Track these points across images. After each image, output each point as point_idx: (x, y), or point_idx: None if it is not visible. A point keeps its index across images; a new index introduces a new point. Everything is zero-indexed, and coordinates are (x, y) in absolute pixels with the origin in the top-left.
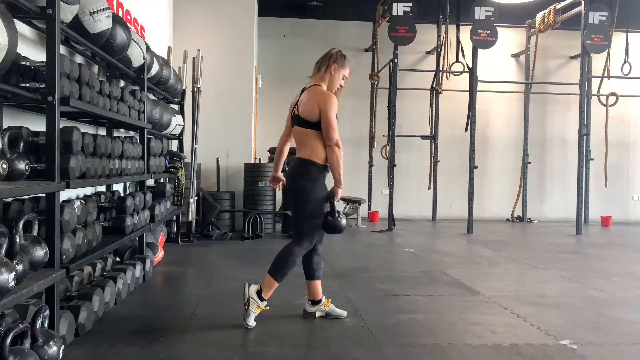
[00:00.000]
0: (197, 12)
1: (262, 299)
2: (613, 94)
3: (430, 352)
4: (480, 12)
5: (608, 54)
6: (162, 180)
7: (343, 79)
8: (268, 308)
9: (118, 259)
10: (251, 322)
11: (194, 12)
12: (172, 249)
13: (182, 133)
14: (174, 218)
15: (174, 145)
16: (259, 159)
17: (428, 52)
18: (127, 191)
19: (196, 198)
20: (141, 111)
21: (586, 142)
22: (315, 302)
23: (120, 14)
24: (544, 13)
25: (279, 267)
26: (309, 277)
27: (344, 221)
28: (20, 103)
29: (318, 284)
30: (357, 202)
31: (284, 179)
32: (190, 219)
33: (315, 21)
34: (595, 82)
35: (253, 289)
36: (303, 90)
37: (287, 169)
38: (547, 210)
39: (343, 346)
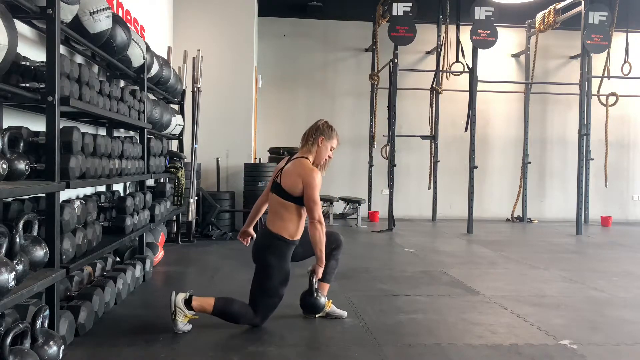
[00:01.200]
0: (197, 12)
1: (190, 309)
2: (613, 94)
3: (430, 352)
4: (480, 12)
5: (608, 54)
6: (162, 180)
7: (331, 150)
8: (197, 317)
9: (118, 259)
10: (181, 326)
11: (194, 12)
12: (172, 249)
13: (182, 133)
14: (174, 218)
15: (174, 145)
16: (259, 159)
17: (428, 52)
18: (127, 191)
19: (196, 198)
20: (141, 111)
21: (586, 142)
22: None
23: (120, 14)
24: (544, 13)
25: (224, 311)
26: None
27: (322, 300)
28: (20, 103)
29: (326, 287)
30: (357, 202)
31: (254, 234)
32: (190, 219)
33: (315, 21)
34: (595, 82)
35: (180, 297)
36: (289, 159)
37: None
38: (547, 210)
39: (343, 346)
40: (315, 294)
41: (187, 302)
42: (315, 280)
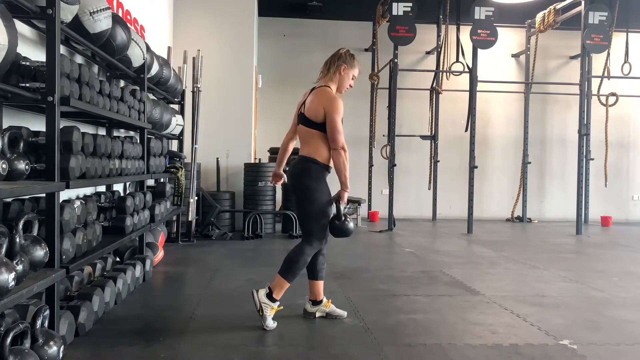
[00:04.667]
0: (197, 12)
1: (273, 300)
2: (613, 94)
3: (430, 352)
4: (480, 12)
5: (608, 54)
6: (162, 180)
7: (352, 79)
8: (282, 308)
9: (118, 259)
10: (270, 323)
11: (194, 12)
12: (172, 249)
13: (182, 133)
14: (174, 218)
15: (174, 145)
16: (259, 159)
17: (428, 52)
18: (127, 191)
19: (196, 198)
20: (141, 111)
21: (586, 142)
22: (316, 303)
23: (120, 14)
24: (544, 13)
25: (290, 267)
26: (312, 277)
27: (351, 225)
28: (20, 103)
29: (320, 284)
30: (357, 202)
31: (285, 176)
32: (190, 219)
33: (315, 21)
34: (595, 82)
35: (262, 293)
36: (312, 89)
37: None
38: (547, 210)
39: (343, 346)
40: (343, 218)
41: (269, 295)
42: (343, 205)
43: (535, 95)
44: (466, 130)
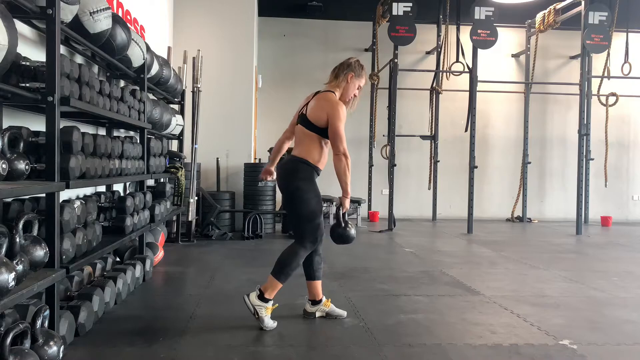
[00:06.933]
0: (197, 12)
1: (266, 300)
2: (613, 94)
3: (430, 352)
4: (480, 12)
5: (608, 54)
6: (162, 180)
7: (358, 88)
8: (277, 305)
9: (118, 259)
10: (269, 323)
11: (194, 12)
12: (172, 249)
13: (182, 133)
14: (174, 218)
15: (174, 145)
16: (259, 159)
17: (428, 52)
18: (127, 191)
19: (196, 198)
20: (141, 111)
21: (586, 142)
22: (316, 302)
23: (120, 14)
24: (544, 13)
25: (283, 268)
26: (309, 277)
27: (353, 231)
28: (20, 103)
29: (318, 284)
30: (357, 202)
31: (275, 173)
32: (190, 219)
33: (315, 21)
34: (595, 82)
35: (253, 295)
36: (317, 93)
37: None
38: (547, 210)
39: (343, 346)
40: (344, 225)
41: (261, 297)
42: (343, 212)
43: (535, 95)
44: (466, 130)
